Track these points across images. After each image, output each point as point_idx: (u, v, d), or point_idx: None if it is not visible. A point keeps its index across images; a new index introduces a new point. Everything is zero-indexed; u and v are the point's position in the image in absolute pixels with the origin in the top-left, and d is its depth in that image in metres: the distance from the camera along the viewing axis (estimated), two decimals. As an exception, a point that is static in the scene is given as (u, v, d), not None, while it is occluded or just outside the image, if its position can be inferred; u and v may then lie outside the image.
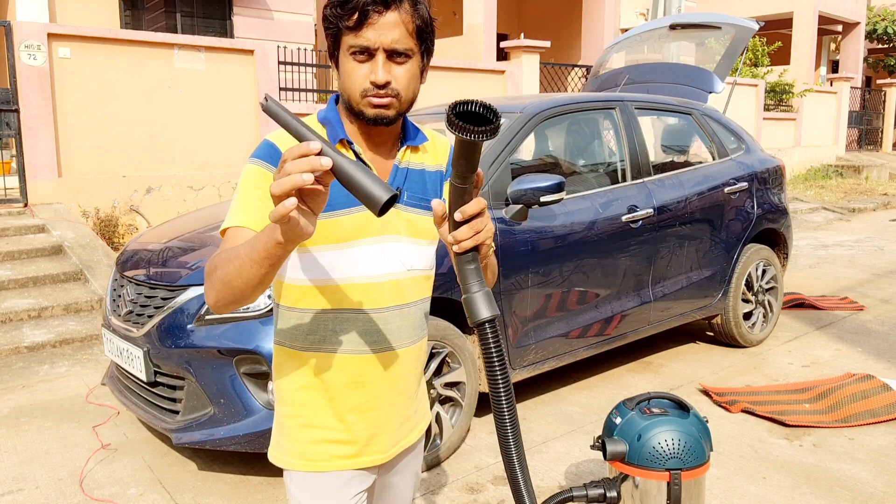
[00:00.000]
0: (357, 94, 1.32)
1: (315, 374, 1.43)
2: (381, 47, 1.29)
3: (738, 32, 5.30)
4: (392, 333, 1.44)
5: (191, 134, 7.40)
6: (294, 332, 1.43)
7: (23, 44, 6.35)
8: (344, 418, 1.44)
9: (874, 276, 6.93)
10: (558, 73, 11.98)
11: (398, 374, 1.47)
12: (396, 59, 1.31)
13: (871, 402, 3.70)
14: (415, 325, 1.48)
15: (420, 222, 1.44)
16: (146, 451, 3.33)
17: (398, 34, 1.29)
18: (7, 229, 6.06)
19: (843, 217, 11.44)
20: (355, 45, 1.29)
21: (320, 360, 1.42)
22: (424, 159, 1.48)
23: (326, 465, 1.45)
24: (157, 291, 3.16)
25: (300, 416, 1.45)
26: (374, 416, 1.46)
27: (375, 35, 1.28)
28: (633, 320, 4.01)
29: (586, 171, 4.44)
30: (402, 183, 1.42)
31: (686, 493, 1.97)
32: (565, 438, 3.43)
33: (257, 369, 2.85)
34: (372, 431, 1.46)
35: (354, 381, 1.43)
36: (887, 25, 20.86)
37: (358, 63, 1.31)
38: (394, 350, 1.45)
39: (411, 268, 1.44)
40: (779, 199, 4.93)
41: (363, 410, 1.44)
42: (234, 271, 1.17)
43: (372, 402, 1.45)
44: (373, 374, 1.44)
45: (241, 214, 1.32)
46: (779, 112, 15.28)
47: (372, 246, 1.38)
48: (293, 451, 1.46)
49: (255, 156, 1.36)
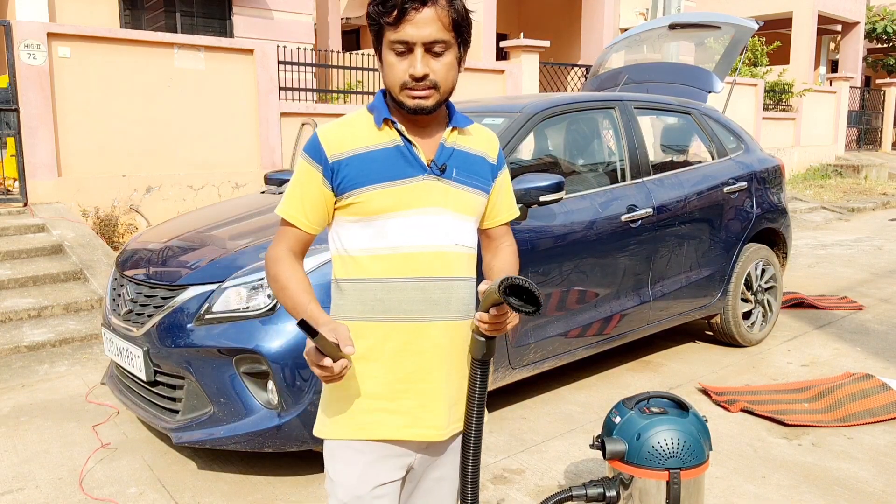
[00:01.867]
0: (397, 86, 1.43)
1: (364, 345, 1.47)
2: (419, 42, 1.39)
3: (737, 32, 5.30)
4: (440, 304, 1.49)
5: (191, 134, 7.40)
6: (345, 303, 1.51)
7: (22, 43, 6.35)
8: (393, 387, 1.48)
9: (873, 276, 6.93)
10: (558, 73, 11.98)
11: (447, 346, 1.51)
12: (434, 52, 1.41)
13: (870, 402, 3.70)
14: (463, 300, 1.54)
15: (465, 198, 1.53)
16: (146, 450, 3.34)
17: (435, 29, 1.39)
18: (7, 229, 6.06)
19: (842, 217, 11.44)
20: (395, 40, 1.40)
21: (369, 328, 1.48)
22: (470, 142, 1.57)
23: (377, 433, 1.48)
24: (156, 291, 3.16)
25: (349, 387, 1.49)
26: (424, 388, 1.49)
27: (413, 30, 1.38)
28: (632, 320, 4.02)
29: (586, 171, 4.44)
30: (447, 159, 1.51)
31: (685, 492, 1.98)
32: (565, 438, 3.44)
33: (257, 369, 2.85)
34: (422, 402, 1.50)
35: (403, 349, 1.48)
36: (886, 25, 20.86)
37: (398, 57, 1.42)
38: (443, 321, 1.50)
39: (458, 242, 1.51)
40: (778, 198, 4.93)
41: (413, 381, 1.49)
42: (281, 299, 1.48)
43: (421, 372, 1.49)
44: (421, 343, 1.48)
45: (292, 208, 1.50)
46: (778, 112, 15.28)
47: (416, 217, 1.47)
48: (343, 423, 1.50)
49: (305, 150, 1.51)
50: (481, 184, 1.57)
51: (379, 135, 1.49)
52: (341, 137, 1.49)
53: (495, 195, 1.64)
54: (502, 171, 1.66)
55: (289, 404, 2.79)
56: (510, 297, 1.31)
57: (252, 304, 2.89)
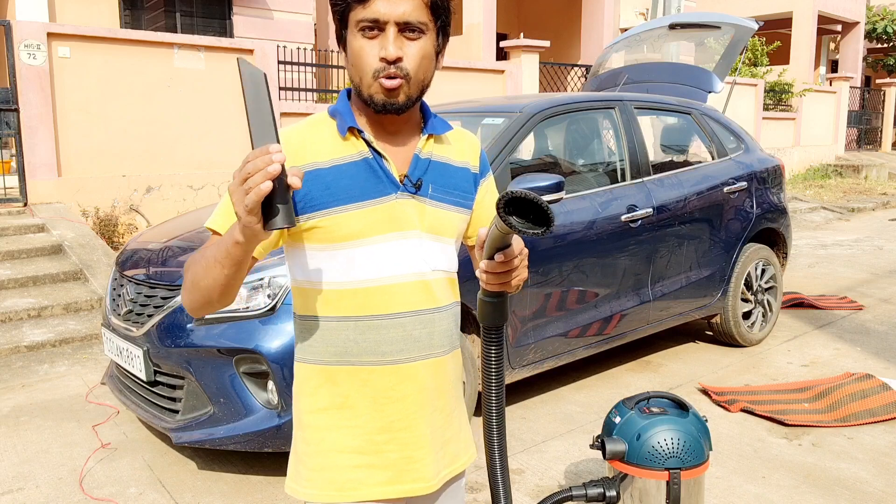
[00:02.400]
0: (368, 74, 1.22)
1: (339, 392, 1.29)
2: (391, 20, 1.19)
3: (737, 32, 5.30)
4: (422, 341, 1.30)
5: (191, 134, 7.40)
6: (313, 344, 1.30)
7: (22, 43, 6.35)
8: (373, 438, 1.29)
9: (873, 276, 6.93)
10: (558, 73, 11.98)
11: (433, 386, 1.33)
12: (409, 35, 1.21)
13: (870, 402, 3.70)
14: (446, 332, 1.35)
15: (443, 217, 1.32)
16: (146, 450, 3.34)
17: (410, 6, 1.19)
18: (7, 229, 6.06)
19: (842, 216, 11.44)
20: (364, 19, 1.20)
21: (343, 374, 1.28)
22: (449, 152, 1.36)
23: (357, 494, 1.29)
24: (156, 291, 3.16)
25: (322, 440, 1.30)
26: (409, 437, 1.30)
27: (385, 6, 1.18)
28: (632, 320, 4.02)
29: (586, 171, 4.44)
30: (423, 173, 1.30)
31: (685, 492, 1.98)
32: (565, 438, 3.44)
33: (257, 368, 2.85)
34: (407, 454, 1.30)
35: (384, 397, 1.28)
36: (887, 25, 20.86)
37: (367, 40, 1.21)
38: (427, 359, 1.31)
39: (436, 267, 1.31)
40: (778, 198, 4.93)
41: (395, 430, 1.29)
42: (201, 272, 1.16)
43: (405, 419, 1.30)
44: (404, 387, 1.29)
45: (222, 219, 1.26)
46: (778, 112, 15.28)
47: (390, 243, 1.27)
48: (317, 481, 1.30)
49: None
50: (462, 200, 1.36)
51: (344, 146, 1.27)
52: (303, 146, 1.27)
53: (480, 208, 1.42)
54: (486, 179, 1.44)
55: (289, 404, 2.79)
56: (512, 215, 1.08)
57: (252, 304, 2.89)
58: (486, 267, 1.22)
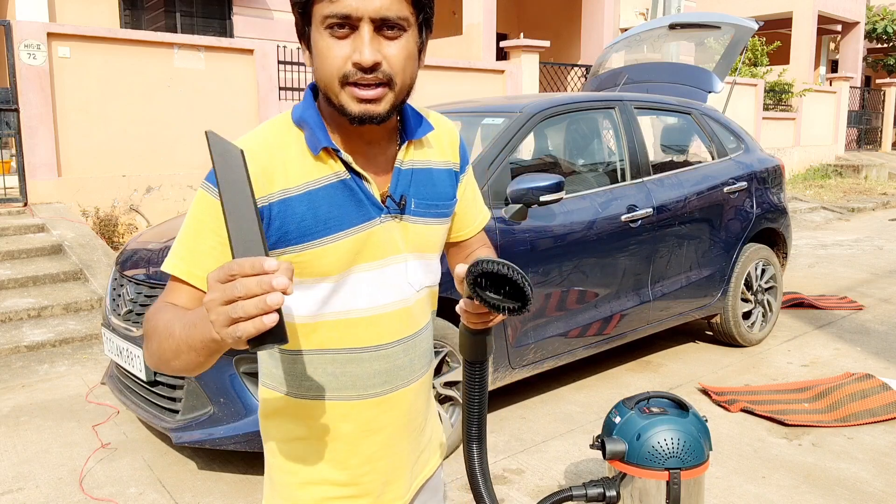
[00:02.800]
0: (335, 81, 1.03)
1: (315, 425, 1.17)
2: (365, 16, 0.99)
3: (737, 32, 5.30)
4: (405, 369, 1.20)
5: (191, 133, 7.40)
6: (286, 376, 1.17)
7: (22, 43, 6.35)
8: (352, 471, 1.20)
9: (873, 276, 6.93)
10: (558, 73, 11.98)
11: (412, 411, 1.24)
12: (387, 34, 1.02)
13: (870, 402, 3.70)
14: (426, 351, 1.25)
15: (428, 233, 1.20)
16: (146, 450, 3.34)
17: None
18: (7, 229, 6.06)
19: (842, 216, 11.44)
20: (332, 15, 0.99)
21: (320, 408, 1.16)
22: (430, 154, 1.21)
23: None
24: (156, 291, 3.16)
25: (297, 472, 1.20)
26: (387, 465, 1.22)
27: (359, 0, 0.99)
28: (632, 320, 4.02)
29: (586, 171, 4.44)
30: (406, 188, 1.16)
31: (685, 492, 1.98)
32: (564, 438, 3.43)
33: (257, 368, 2.85)
34: (385, 479, 1.23)
35: (364, 430, 1.19)
36: (887, 25, 20.87)
37: (336, 39, 1.01)
38: (407, 386, 1.21)
39: (420, 287, 1.20)
40: (778, 198, 4.93)
41: (375, 460, 1.21)
42: (170, 352, 0.95)
43: (385, 449, 1.21)
44: (385, 418, 1.20)
45: (184, 263, 1.05)
46: (778, 112, 15.28)
47: (373, 272, 1.14)
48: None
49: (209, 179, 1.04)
50: (445, 209, 1.23)
51: (315, 165, 1.09)
52: (271, 166, 1.07)
53: (460, 206, 1.30)
54: (465, 174, 1.30)
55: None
56: (486, 290, 0.98)
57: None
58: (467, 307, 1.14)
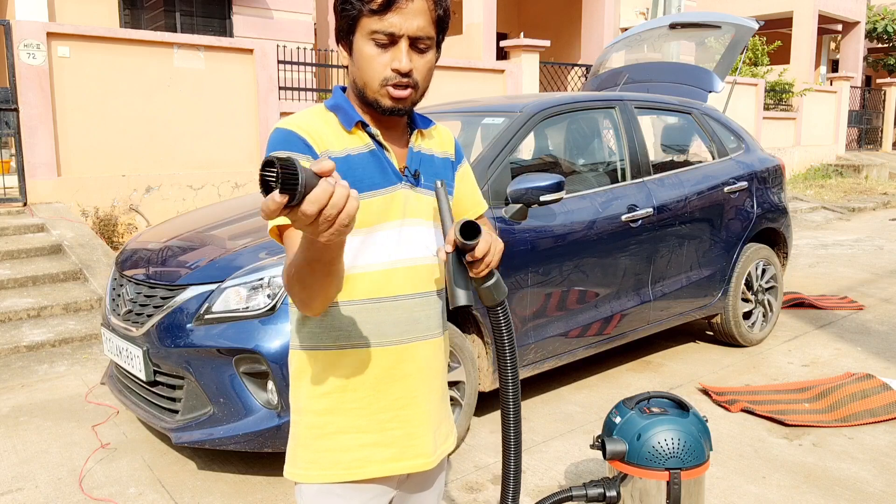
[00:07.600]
0: (376, 82, 1.29)
1: (342, 375, 1.33)
2: (405, 34, 1.26)
3: (737, 32, 5.30)
4: (422, 322, 1.38)
5: (190, 133, 7.39)
6: (314, 330, 1.34)
7: (22, 43, 6.35)
8: (377, 417, 1.35)
9: (874, 276, 6.93)
10: (558, 73, 11.97)
11: (429, 366, 1.41)
12: (418, 48, 1.29)
13: (870, 402, 3.70)
14: (440, 314, 1.44)
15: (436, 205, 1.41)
16: (146, 450, 3.33)
17: (423, 21, 1.27)
18: (6, 228, 6.05)
19: (842, 216, 11.43)
20: (379, 31, 1.25)
21: (346, 357, 1.33)
22: (432, 145, 1.47)
23: (363, 472, 1.34)
24: (156, 291, 3.16)
25: (326, 424, 1.34)
26: (410, 414, 1.37)
27: (401, 21, 1.25)
28: (632, 319, 4.01)
29: (586, 171, 4.44)
30: (418, 165, 1.40)
31: (685, 492, 1.97)
32: (565, 438, 3.43)
33: (257, 369, 2.85)
34: (409, 431, 1.37)
35: (387, 376, 1.35)
36: (887, 24, 20.86)
37: (379, 49, 1.27)
38: (426, 340, 1.39)
39: (434, 250, 1.40)
40: (778, 198, 4.92)
41: (398, 408, 1.36)
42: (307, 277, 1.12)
43: (406, 397, 1.37)
44: (406, 366, 1.36)
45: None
46: (779, 111, 15.28)
47: (396, 230, 1.34)
48: (322, 463, 1.34)
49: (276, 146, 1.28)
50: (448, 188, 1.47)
51: (350, 138, 1.34)
52: (317, 132, 1.31)
53: (459, 191, 1.52)
54: (462, 165, 1.54)
55: (289, 405, 2.78)
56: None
57: (252, 304, 2.88)
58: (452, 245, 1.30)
